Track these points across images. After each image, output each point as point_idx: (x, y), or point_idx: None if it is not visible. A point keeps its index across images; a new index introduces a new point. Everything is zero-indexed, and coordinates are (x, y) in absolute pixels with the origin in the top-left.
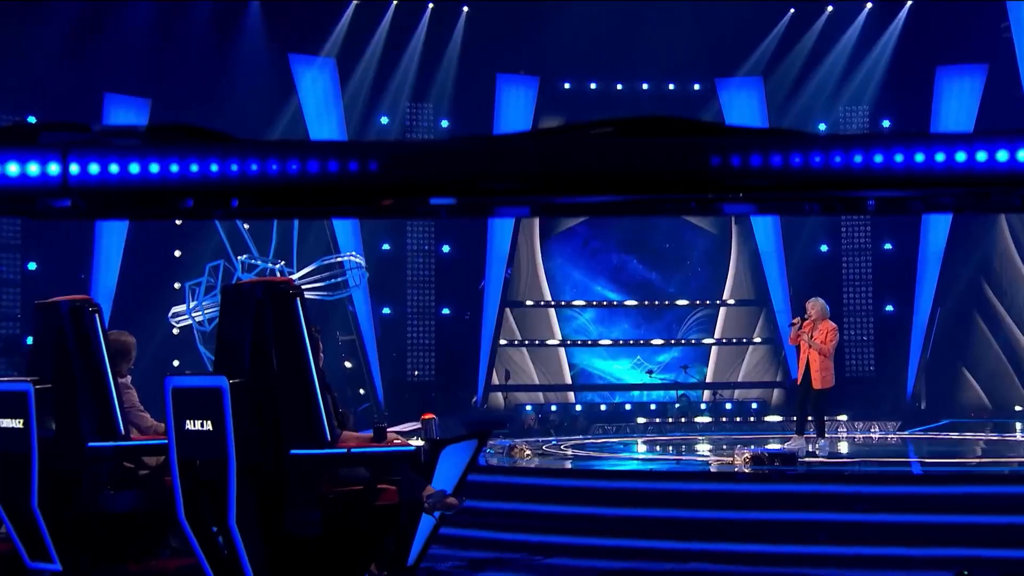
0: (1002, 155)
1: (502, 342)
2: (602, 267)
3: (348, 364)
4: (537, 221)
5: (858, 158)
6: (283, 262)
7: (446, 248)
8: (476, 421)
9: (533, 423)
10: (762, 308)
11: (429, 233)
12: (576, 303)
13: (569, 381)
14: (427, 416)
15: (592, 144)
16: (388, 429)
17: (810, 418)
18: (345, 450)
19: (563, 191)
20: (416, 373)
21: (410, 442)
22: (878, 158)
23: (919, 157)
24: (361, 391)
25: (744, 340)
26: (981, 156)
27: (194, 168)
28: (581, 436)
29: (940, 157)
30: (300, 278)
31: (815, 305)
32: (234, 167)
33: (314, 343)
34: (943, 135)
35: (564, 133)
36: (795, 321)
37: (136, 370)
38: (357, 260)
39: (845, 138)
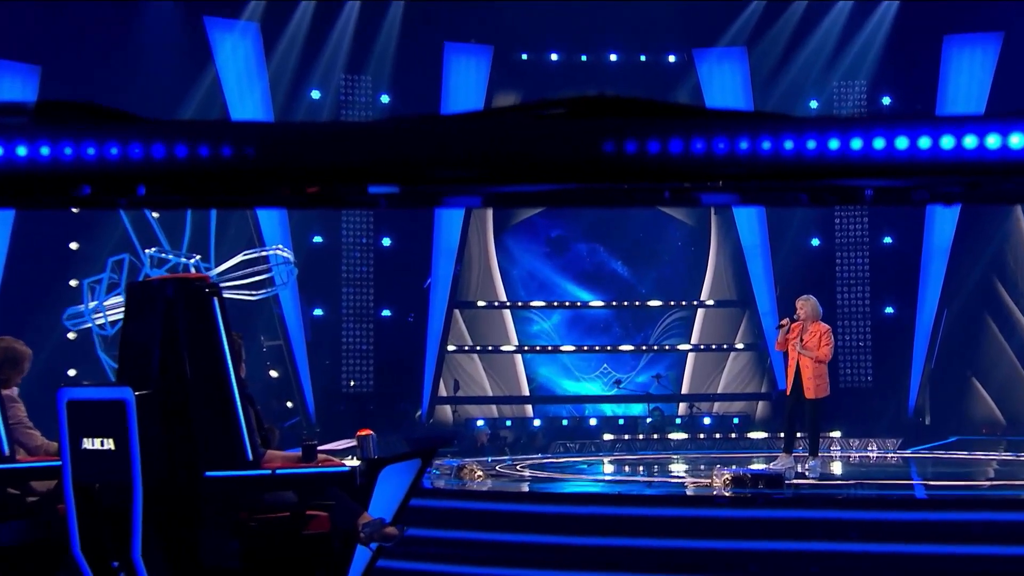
0: (1017, 140)
1: (450, 348)
2: (564, 263)
3: (274, 373)
4: (491, 211)
5: (857, 143)
6: (198, 256)
7: (387, 241)
8: (420, 438)
9: (485, 440)
10: (745, 309)
11: (367, 224)
12: (534, 304)
13: (526, 392)
14: (364, 432)
15: (542, 128)
16: (319, 447)
17: (800, 434)
18: (269, 472)
19: (509, 179)
20: (352, 383)
21: (344, 462)
22: (879, 143)
23: (924, 142)
24: (288, 404)
25: (725, 346)
26: (993, 141)
27: (91, 151)
28: (540, 455)
29: (949, 142)
30: (219, 275)
31: (806, 304)
32: (137, 151)
33: (234, 349)
34: (946, 118)
35: (512, 113)
36: (783, 323)
37: (23, 381)
38: (285, 254)
39: (826, 121)
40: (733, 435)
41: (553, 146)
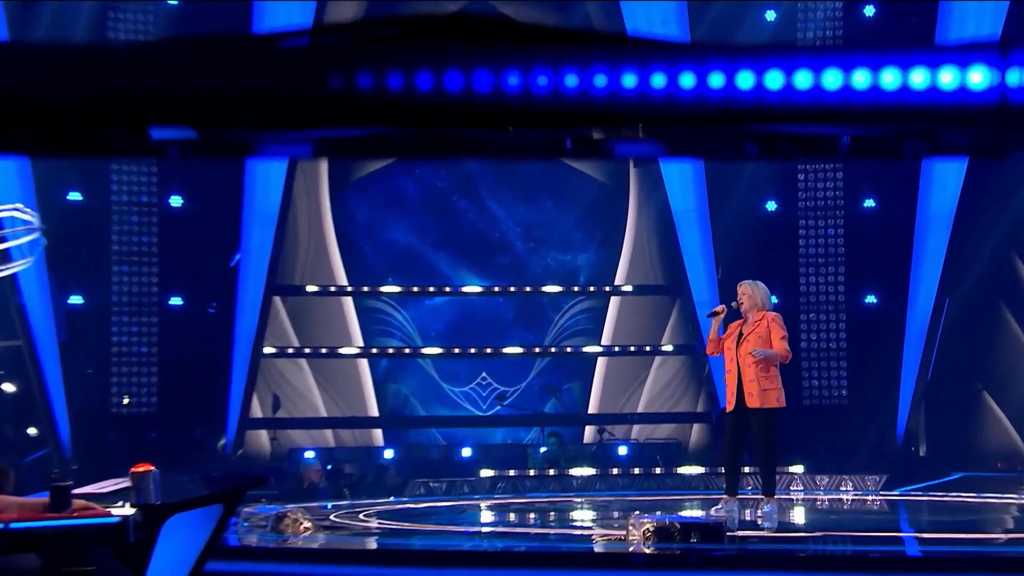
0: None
1: (267, 350)
2: (428, 233)
3: (8, 387)
4: (325, 163)
5: (816, 78)
6: None
7: (177, 200)
8: (224, 476)
9: (317, 479)
10: (675, 298)
11: (148, 176)
12: (386, 289)
13: (375, 412)
14: (141, 468)
15: (368, 54)
16: (75, 491)
17: (748, 469)
18: (1, 525)
19: (335, 120)
20: (126, 400)
21: (112, 510)
22: (855, 79)
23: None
24: (31, 431)
25: (648, 348)
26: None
27: None
28: (392, 498)
29: (951, 79)
30: None
31: (751, 291)
32: None
33: None
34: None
35: (341, 32)
36: (717, 310)
37: None
38: (26, 217)
39: (772, 51)
40: (658, 470)
41: (378, 79)
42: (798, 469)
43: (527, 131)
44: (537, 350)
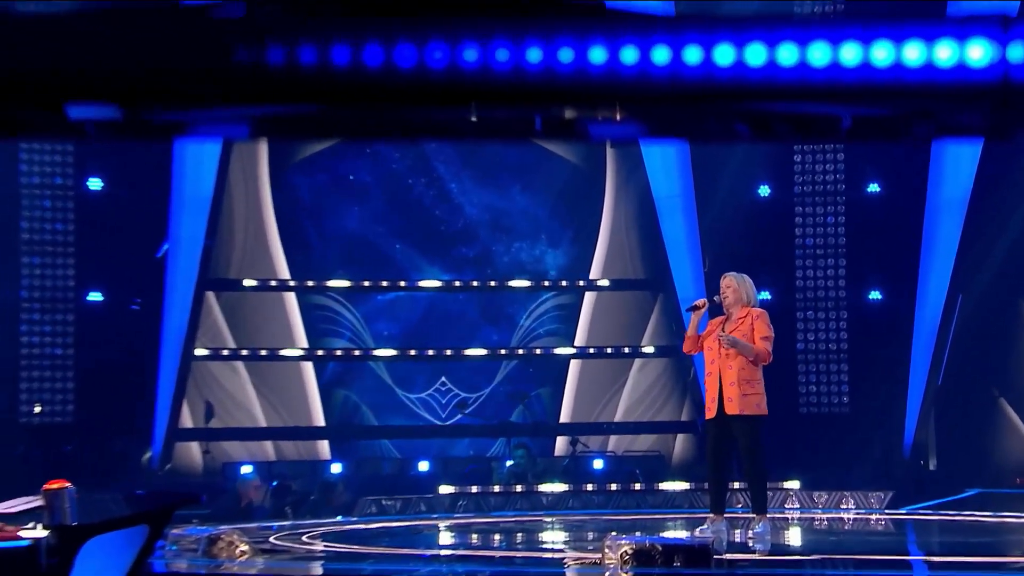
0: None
1: (199, 352)
2: (381, 222)
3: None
4: (265, 144)
5: (814, 53)
6: None
7: (96, 183)
8: (149, 494)
9: (257, 496)
10: (657, 294)
11: (64, 156)
12: (334, 284)
13: (321, 422)
14: (55, 485)
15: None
16: None
17: (737, 485)
18: None
19: (281, 97)
20: (37, 409)
21: (22, 532)
22: (848, 53)
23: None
24: None
25: (627, 350)
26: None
27: None
28: (341, 518)
29: (948, 55)
30: None
31: (737, 285)
32: None
33: None
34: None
35: (281, 1)
36: (697, 304)
37: None
38: None
39: (764, 23)
40: (638, 486)
41: (322, 53)
42: (794, 485)
43: (490, 110)
44: (503, 352)
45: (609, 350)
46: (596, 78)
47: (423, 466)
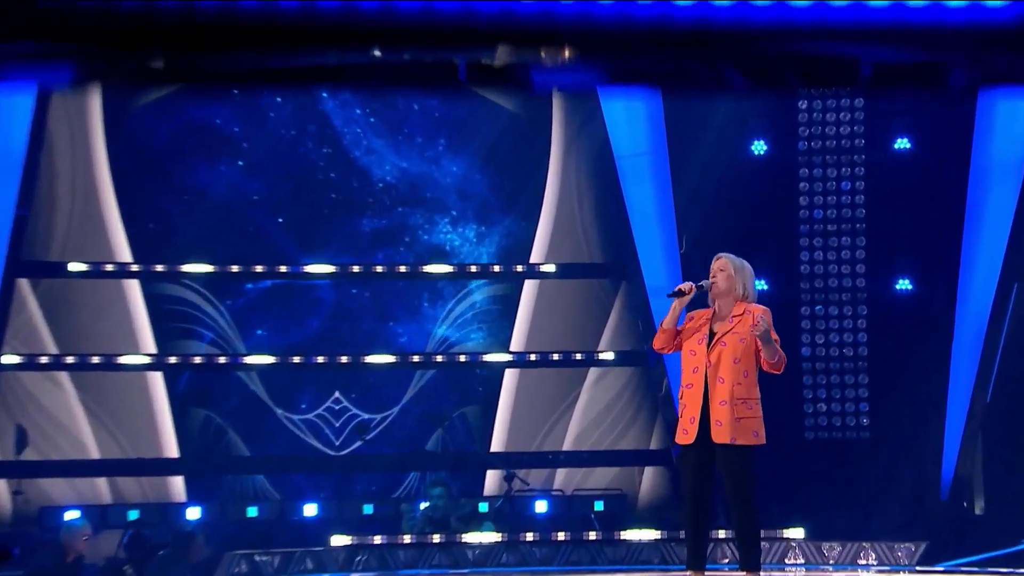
0: None
1: (8, 359)
2: (257, 183)
3: None
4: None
5: None
6: None
7: None
8: None
9: (84, 548)
10: (619, 283)
11: None
12: (191, 270)
13: (174, 452)
14: None
15: None
16: None
17: (723, 533)
18: None
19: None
20: None
21: None
22: None
23: None
24: None
25: (579, 356)
26: None
27: None
28: None
29: None
30: None
31: (734, 269)
32: None
33: None
34: None
35: None
36: (684, 288)
37: None
38: None
39: None
40: (593, 535)
41: None
42: (797, 533)
43: (394, 53)
44: (416, 359)
45: (556, 356)
46: (525, 17)
47: (309, 510)
